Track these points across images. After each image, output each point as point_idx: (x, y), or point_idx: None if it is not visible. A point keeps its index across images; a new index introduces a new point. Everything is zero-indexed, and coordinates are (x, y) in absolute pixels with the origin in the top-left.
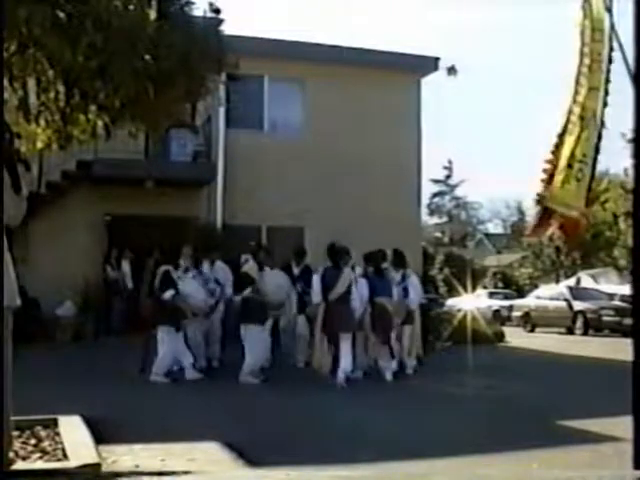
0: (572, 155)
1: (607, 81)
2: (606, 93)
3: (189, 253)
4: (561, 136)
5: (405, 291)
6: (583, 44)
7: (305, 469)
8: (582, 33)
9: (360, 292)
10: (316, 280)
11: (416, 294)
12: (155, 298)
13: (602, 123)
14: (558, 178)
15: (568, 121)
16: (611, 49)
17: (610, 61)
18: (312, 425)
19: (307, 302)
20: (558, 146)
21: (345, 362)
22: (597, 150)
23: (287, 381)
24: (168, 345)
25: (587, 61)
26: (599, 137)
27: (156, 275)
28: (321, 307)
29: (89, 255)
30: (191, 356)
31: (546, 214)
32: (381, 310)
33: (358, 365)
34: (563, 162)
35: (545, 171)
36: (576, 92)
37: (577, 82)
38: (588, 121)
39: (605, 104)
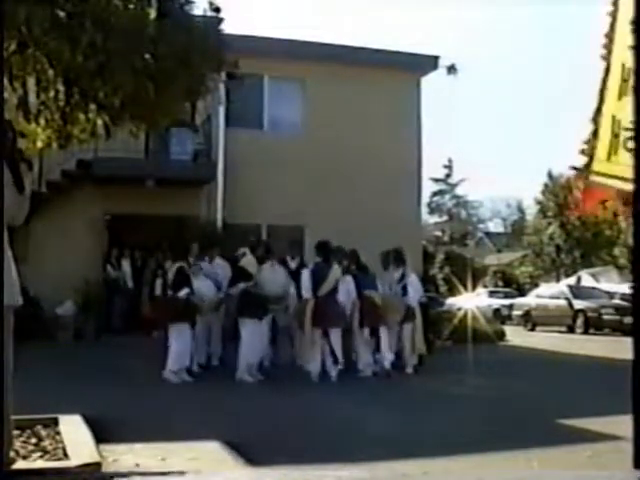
0: (615, 122)
1: None
2: None
3: (196, 250)
4: (599, 104)
5: (404, 289)
6: None
7: (304, 469)
8: None
9: (347, 288)
10: (306, 275)
11: (415, 292)
12: (167, 295)
13: None
14: (602, 150)
15: (604, 86)
16: None
17: None
18: (312, 424)
19: None
20: (597, 113)
21: (335, 359)
22: None
23: (286, 380)
24: (181, 342)
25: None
26: None
27: (157, 275)
28: (310, 302)
29: (89, 254)
30: (189, 359)
31: (590, 188)
32: (370, 303)
33: (367, 364)
34: (607, 131)
35: (587, 142)
36: (609, 52)
37: (610, 41)
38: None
39: None
